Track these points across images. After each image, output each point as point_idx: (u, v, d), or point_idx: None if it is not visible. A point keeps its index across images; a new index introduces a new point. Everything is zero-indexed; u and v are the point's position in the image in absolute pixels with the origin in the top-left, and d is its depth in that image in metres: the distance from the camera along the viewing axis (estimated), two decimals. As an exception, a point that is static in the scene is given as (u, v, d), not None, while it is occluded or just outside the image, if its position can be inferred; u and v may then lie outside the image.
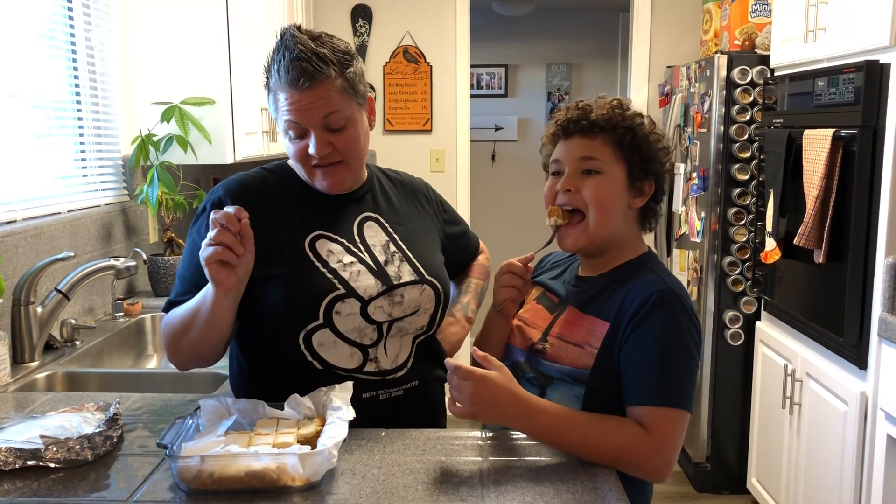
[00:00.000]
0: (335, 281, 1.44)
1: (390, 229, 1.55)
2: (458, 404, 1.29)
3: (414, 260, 1.53)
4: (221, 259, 1.28)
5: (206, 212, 1.48)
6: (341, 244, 1.49)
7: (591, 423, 1.31)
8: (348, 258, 1.47)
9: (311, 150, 1.42)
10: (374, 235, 1.53)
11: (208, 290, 1.34)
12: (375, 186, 1.60)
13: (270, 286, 1.43)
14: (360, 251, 1.49)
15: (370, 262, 1.49)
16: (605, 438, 1.30)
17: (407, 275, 1.50)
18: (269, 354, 1.49)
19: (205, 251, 1.28)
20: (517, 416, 1.30)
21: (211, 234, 1.28)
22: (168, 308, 1.49)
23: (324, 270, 1.44)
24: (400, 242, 1.54)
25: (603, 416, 1.33)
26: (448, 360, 1.30)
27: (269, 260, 1.43)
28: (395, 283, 1.48)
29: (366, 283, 1.46)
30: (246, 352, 1.54)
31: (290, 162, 1.58)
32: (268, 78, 1.46)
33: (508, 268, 1.52)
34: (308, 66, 1.37)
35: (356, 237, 1.51)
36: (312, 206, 1.52)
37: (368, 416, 1.32)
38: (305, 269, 1.44)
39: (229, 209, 1.29)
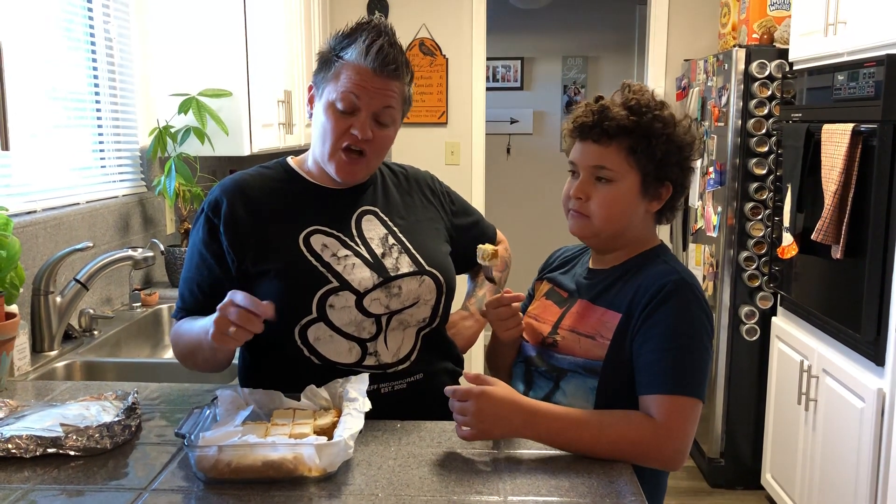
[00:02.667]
0: (328, 274, 1.44)
1: (390, 222, 1.55)
2: (464, 427, 1.29)
3: (414, 251, 1.53)
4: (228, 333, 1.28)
5: (203, 212, 1.50)
6: (337, 238, 1.49)
7: (600, 420, 1.32)
8: (343, 251, 1.47)
9: (355, 131, 1.44)
10: (373, 229, 1.53)
11: (207, 334, 1.33)
12: (378, 181, 1.61)
13: (265, 282, 1.45)
14: (357, 244, 1.49)
15: (366, 255, 1.49)
16: (616, 433, 1.30)
17: (405, 266, 1.50)
18: (270, 350, 1.50)
19: (218, 325, 1.28)
20: (524, 425, 1.30)
21: (233, 314, 1.26)
22: (177, 312, 1.53)
23: (316, 264, 1.45)
24: (400, 235, 1.54)
25: (610, 411, 1.34)
26: (447, 388, 1.31)
27: (264, 256, 1.45)
28: (393, 274, 1.48)
29: (361, 275, 1.46)
30: (250, 347, 1.55)
31: (291, 159, 1.59)
32: (340, 48, 1.46)
33: (497, 302, 1.47)
34: (399, 57, 1.45)
35: (353, 231, 1.51)
36: (310, 202, 1.52)
37: (369, 411, 1.32)
38: (298, 264, 1.45)
39: (245, 304, 1.27)
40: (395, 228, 1.55)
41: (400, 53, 1.46)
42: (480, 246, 1.52)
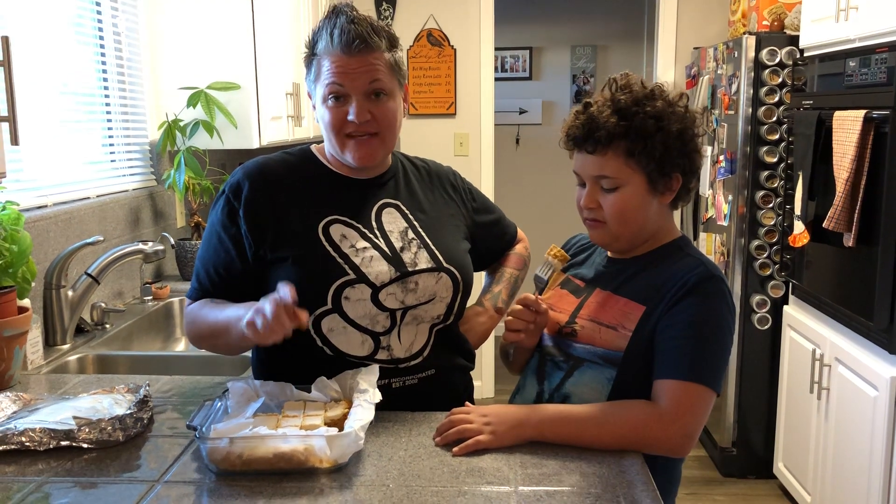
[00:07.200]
0: (345, 266, 1.43)
1: (410, 216, 1.54)
2: (480, 439, 1.29)
3: (433, 247, 1.52)
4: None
5: (224, 194, 1.50)
6: (356, 229, 1.48)
7: (602, 410, 1.33)
8: (362, 243, 1.46)
9: (351, 116, 1.43)
10: (393, 222, 1.52)
11: (240, 321, 1.31)
12: (399, 174, 1.59)
13: (281, 269, 1.44)
14: (376, 237, 1.48)
15: (385, 248, 1.47)
16: (619, 420, 1.31)
17: (423, 262, 1.49)
18: (283, 340, 1.50)
19: (255, 318, 1.26)
20: (533, 423, 1.32)
21: (268, 309, 1.24)
22: (192, 293, 1.51)
23: (334, 255, 1.44)
24: (420, 229, 1.53)
25: (611, 402, 1.35)
26: (440, 426, 1.34)
27: (282, 243, 1.45)
28: (410, 269, 1.47)
29: (378, 268, 1.45)
30: None
31: (314, 147, 1.59)
32: (313, 45, 1.46)
33: (524, 300, 1.45)
34: (363, 30, 1.41)
35: (373, 223, 1.50)
36: (332, 191, 1.52)
37: (379, 404, 1.32)
38: (315, 253, 1.44)
39: (287, 300, 1.25)
40: (415, 223, 1.53)
41: (363, 26, 1.42)
42: (554, 246, 1.52)
